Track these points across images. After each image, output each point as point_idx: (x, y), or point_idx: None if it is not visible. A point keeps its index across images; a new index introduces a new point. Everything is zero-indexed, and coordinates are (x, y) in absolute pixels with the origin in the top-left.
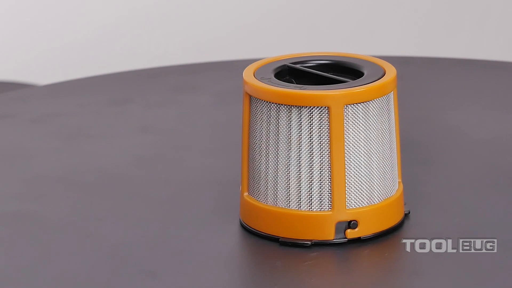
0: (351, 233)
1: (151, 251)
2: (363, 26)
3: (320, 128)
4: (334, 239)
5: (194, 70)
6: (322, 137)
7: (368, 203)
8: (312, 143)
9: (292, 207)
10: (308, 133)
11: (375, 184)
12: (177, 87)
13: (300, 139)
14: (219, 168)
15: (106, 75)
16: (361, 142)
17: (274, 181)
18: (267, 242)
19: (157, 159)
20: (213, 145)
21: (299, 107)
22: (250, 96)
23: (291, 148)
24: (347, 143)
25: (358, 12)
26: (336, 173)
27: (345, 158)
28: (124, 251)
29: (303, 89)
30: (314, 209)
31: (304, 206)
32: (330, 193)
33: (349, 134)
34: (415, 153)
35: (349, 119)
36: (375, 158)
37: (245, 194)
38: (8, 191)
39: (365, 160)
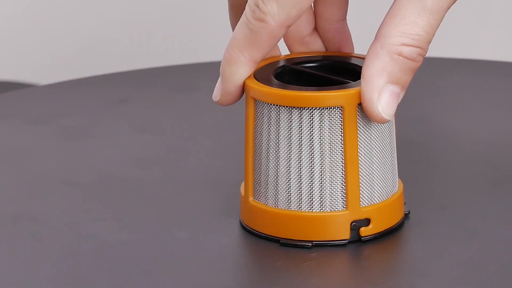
0: (365, 231)
1: (151, 251)
2: (363, 26)
3: (331, 128)
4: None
5: (194, 70)
6: (333, 137)
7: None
8: (323, 143)
9: (303, 209)
10: (319, 134)
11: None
12: (177, 87)
13: (312, 140)
14: (219, 168)
15: (106, 75)
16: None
17: (286, 183)
18: (268, 242)
19: (157, 159)
20: (213, 145)
21: (311, 109)
22: (256, 101)
23: (302, 150)
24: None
25: (357, 12)
26: (350, 173)
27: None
28: (124, 251)
29: (311, 90)
30: (327, 210)
31: (316, 207)
32: (344, 193)
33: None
34: (415, 153)
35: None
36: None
37: (251, 199)
38: (8, 191)
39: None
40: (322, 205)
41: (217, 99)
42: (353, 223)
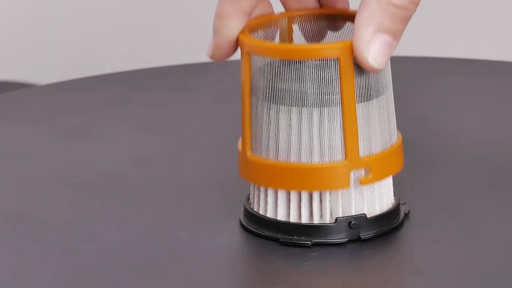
0: (365, 180)
1: (151, 251)
2: None
3: (328, 78)
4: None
5: (193, 70)
6: (331, 88)
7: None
8: (321, 94)
9: (303, 160)
10: (317, 84)
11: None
12: (176, 87)
13: (311, 91)
14: (219, 168)
15: (106, 75)
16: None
17: (286, 136)
18: (268, 242)
19: (157, 159)
20: (213, 145)
21: (308, 61)
22: (251, 56)
23: (301, 101)
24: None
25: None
26: (348, 123)
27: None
28: (124, 251)
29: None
30: (326, 160)
31: (315, 158)
32: (342, 143)
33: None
34: (415, 153)
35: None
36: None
37: (249, 153)
38: (7, 191)
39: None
40: (321, 156)
41: (210, 53)
42: (352, 222)
